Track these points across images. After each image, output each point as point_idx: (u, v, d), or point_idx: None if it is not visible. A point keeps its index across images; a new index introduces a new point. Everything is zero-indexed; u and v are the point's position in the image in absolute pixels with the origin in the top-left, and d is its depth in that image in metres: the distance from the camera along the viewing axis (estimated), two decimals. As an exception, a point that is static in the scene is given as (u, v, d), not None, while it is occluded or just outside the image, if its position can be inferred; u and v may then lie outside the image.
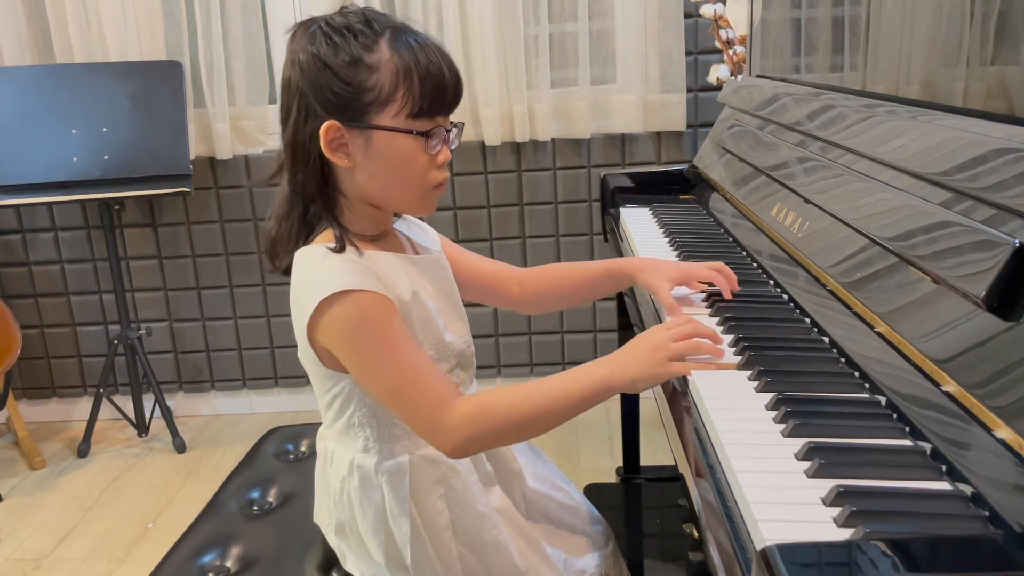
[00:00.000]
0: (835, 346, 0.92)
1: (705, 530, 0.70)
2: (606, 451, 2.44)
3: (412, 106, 0.93)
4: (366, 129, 0.93)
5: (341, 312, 0.91)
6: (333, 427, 1.04)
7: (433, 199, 1.01)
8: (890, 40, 1.17)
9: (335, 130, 0.93)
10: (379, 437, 1.00)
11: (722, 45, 2.23)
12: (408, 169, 0.96)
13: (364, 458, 1.00)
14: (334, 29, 0.93)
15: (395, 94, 0.92)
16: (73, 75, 2.43)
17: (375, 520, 1.01)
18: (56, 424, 2.88)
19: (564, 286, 1.23)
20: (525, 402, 0.93)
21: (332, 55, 0.92)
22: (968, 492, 0.64)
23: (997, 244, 0.72)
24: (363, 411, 0.99)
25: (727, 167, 1.62)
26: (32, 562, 2.09)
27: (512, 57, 2.49)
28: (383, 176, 0.96)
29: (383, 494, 1.00)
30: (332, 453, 1.04)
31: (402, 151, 0.95)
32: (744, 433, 0.76)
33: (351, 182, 0.97)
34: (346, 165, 0.95)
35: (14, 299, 2.76)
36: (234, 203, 2.69)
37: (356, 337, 0.92)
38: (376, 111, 0.93)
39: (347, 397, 0.99)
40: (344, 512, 1.04)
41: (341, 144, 0.94)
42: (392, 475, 1.00)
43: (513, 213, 2.65)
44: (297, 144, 0.95)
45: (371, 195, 0.98)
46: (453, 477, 1.02)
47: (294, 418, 2.67)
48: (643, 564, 1.68)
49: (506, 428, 0.93)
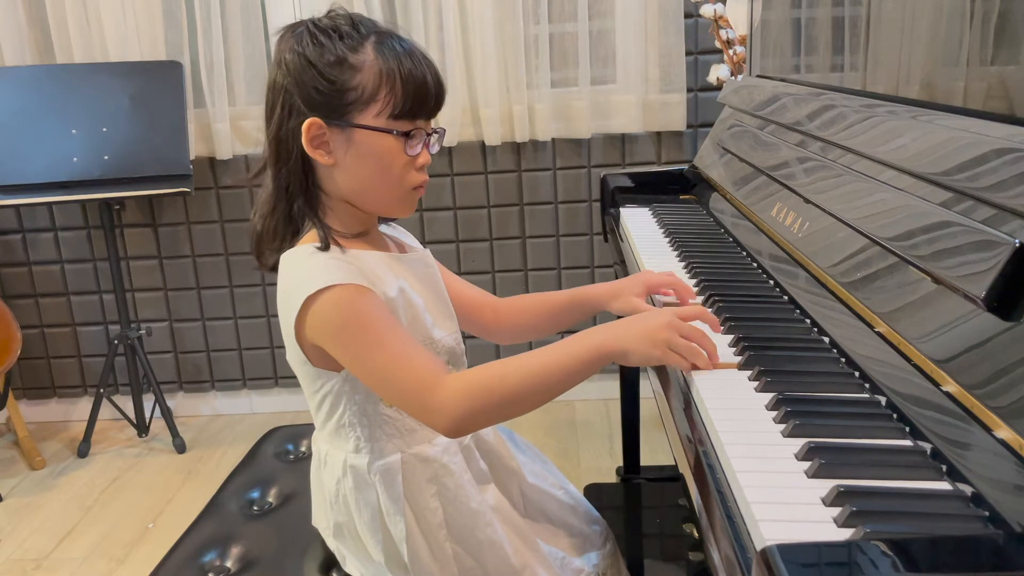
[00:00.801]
0: (835, 346, 0.92)
1: (705, 530, 0.70)
2: (606, 451, 2.44)
3: (394, 107, 0.94)
4: (348, 128, 0.94)
5: (326, 306, 0.92)
6: (324, 429, 1.04)
7: (412, 201, 1.02)
8: (890, 40, 1.17)
9: (317, 127, 0.94)
10: (370, 436, 1.00)
11: (722, 45, 2.23)
12: (387, 169, 0.97)
13: (356, 458, 1.01)
14: (320, 30, 0.95)
15: (377, 95, 0.94)
16: (73, 75, 2.43)
17: (371, 520, 1.01)
18: (56, 424, 2.88)
19: (534, 316, 1.22)
20: (519, 371, 0.92)
21: (317, 54, 0.94)
22: (968, 492, 0.64)
23: (997, 244, 0.72)
24: (352, 410, 0.99)
25: (727, 167, 1.62)
26: (32, 562, 2.09)
27: (512, 57, 2.49)
28: (363, 175, 0.97)
29: (377, 493, 1.00)
30: (326, 456, 1.04)
31: (382, 150, 0.96)
32: (744, 433, 0.76)
33: (332, 181, 0.98)
34: (327, 162, 0.96)
35: (14, 299, 2.76)
36: (234, 203, 2.69)
37: (343, 329, 0.92)
38: (358, 110, 0.94)
39: (336, 396, 0.99)
40: (341, 514, 1.04)
41: (323, 142, 0.95)
42: (385, 474, 1.00)
43: (513, 213, 2.66)
44: (280, 141, 0.97)
45: (351, 194, 0.99)
46: (446, 475, 1.02)
47: (294, 418, 2.67)
48: (643, 564, 1.68)
49: (502, 400, 0.92)
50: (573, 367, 0.92)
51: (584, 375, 0.93)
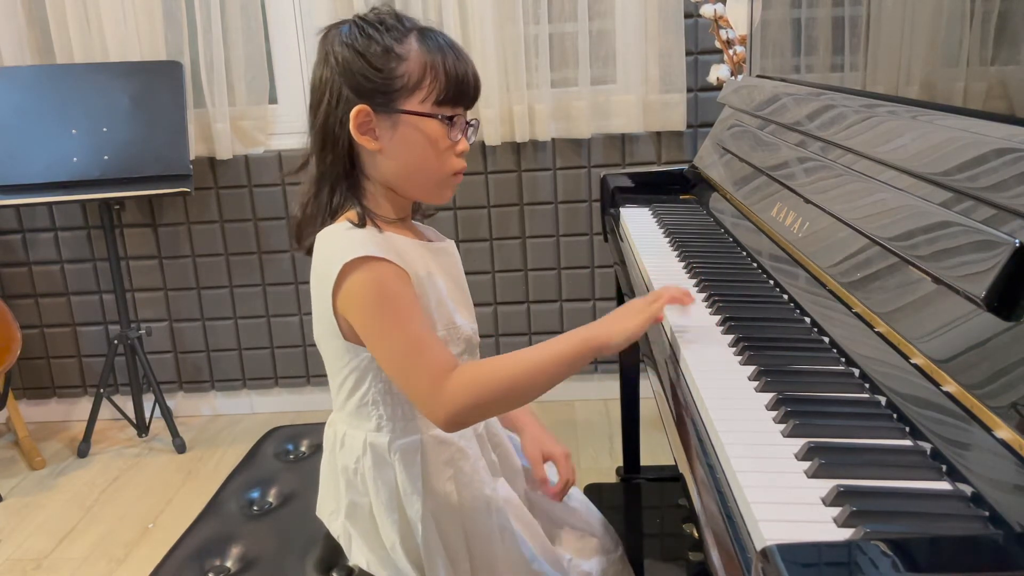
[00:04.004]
0: (835, 346, 0.92)
1: (705, 530, 0.70)
2: (606, 451, 2.44)
3: (437, 94, 1.00)
4: (394, 113, 0.99)
5: (360, 278, 0.95)
6: (345, 408, 1.06)
7: (451, 187, 1.06)
8: (890, 40, 1.17)
9: (365, 114, 0.99)
10: (392, 415, 1.02)
11: (722, 45, 2.23)
12: (430, 153, 1.01)
13: (377, 436, 1.03)
14: (368, 23, 1.01)
15: (422, 83, 0.99)
16: (73, 75, 2.43)
17: (388, 499, 1.03)
18: (56, 424, 2.88)
19: None
20: (516, 365, 0.96)
21: (366, 45, 0.99)
22: (968, 492, 0.64)
23: (997, 244, 0.72)
24: (378, 387, 1.02)
25: (727, 167, 1.62)
26: (32, 562, 2.09)
27: (512, 57, 2.49)
28: (407, 159, 1.01)
29: (395, 472, 1.02)
30: (343, 436, 1.06)
31: (426, 135, 1.01)
32: (744, 433, 0.76)
33: (375, 166, 1.02)
34: (373, 148, 1.00)
35: (14, 299, 2.76)
36: (234, 203, 2.69)
37: (373, 303, 0.95)
38: (404, 97, 0.99)
39: (363, 373, 1.02)
40: (357, 493, 1.05)
41: (369, 128, 1.00)
42: (405, 453, 1.02)
43: (513, 213, 2.66)
44: (328, 128, 1.01)
45: (394, 178, 1.03)
46: (462, 459, 1.05)
47: (294, 418, 2.67)
48: (643, 564, 1.68)
49: (500, 392, 0.95)
50: (563, 364, 0.96)
51: (573, 371, 0.98)
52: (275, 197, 2.68)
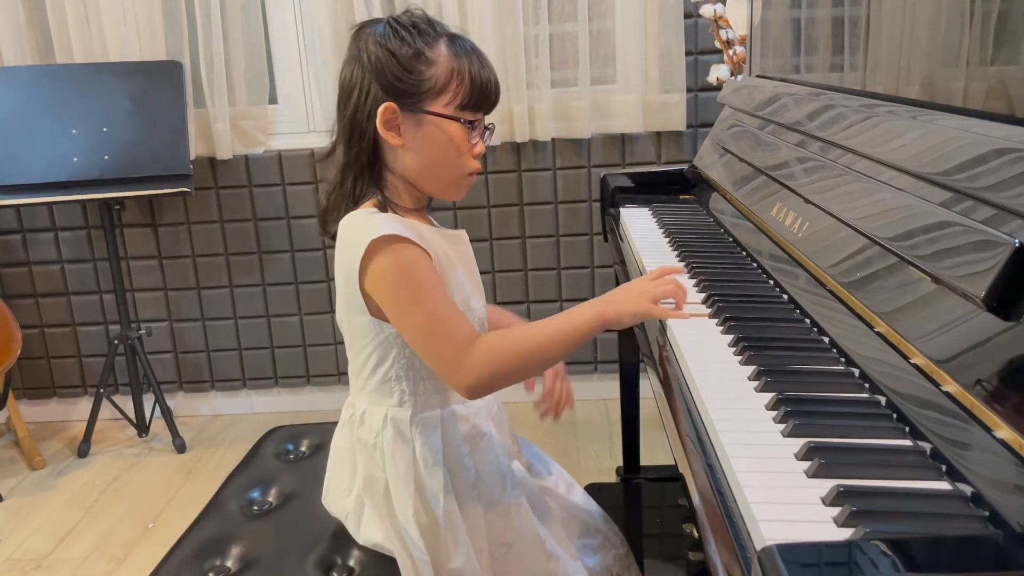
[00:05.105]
0: (835, 346, 0.92)
1: (705, 530, 0.70)
2: (606, 451, 2.44)
3: (462, 98, 1.05)
4: (419, 113, 1.05)
5: (386, 257, 1.00)
6: (366, 387, 1.10)
7: (465, 186, 1.12)
8: (890, 40, 1.17)
9: (391, 112, 1.04)
10: (414, 390, 1.07)
11: (722, 45, 2.23)
12: (450, 153, 1.07)
13: (398, 411, 1.08)
14: (402, 25, 1.06)
15: (448, 86, 1.05)
16: (73, 75, 2.42)
17: (406, 472, 1.07)
18: (56, 424, 2.88)
19: None
20: (532, 336, 1.02)
21: (399, 46, 1.04)
22: (968, 492, 0.64)
23: (997, 244, 0.72)
24: (401, 363, 1.07)
25: (727, 167, 1.62)
26: (32, 562, 2.09)
27: (512, 57, 2.49)
28: (428, 156, 1.07)
29: (415, 447, 1.07)
30: (363, 414, 1.10)
31: (448, 135, 1.06)
32: (744, 433, 0.76)
33: (397, 160, 1.08)
34: (397, 143, 1.06)
35: (14, 299, 2.76)
36: (234, 203, 2.69)
37: (398, 279, 1.01)
38: (430, 99, 1.05)
39: (387, 349, 1.06)
40: (375, 466, 1.09)
41: (395, 125, 1.05)
42: (425, 427, 1.07)
43: (513, 213, 2.66)
44: (356, 121, 1.06)
45: (414, 173, 1.08)
46: (479, 435, 1.10)
47: (294, 418, 2.68)
48: (643, 564, 1.68)
49: (519, 361, 1.01)
50: (576, 336, 1.02)
51: (584, 339, 1.03)
52: (275, 197, 2.68)
